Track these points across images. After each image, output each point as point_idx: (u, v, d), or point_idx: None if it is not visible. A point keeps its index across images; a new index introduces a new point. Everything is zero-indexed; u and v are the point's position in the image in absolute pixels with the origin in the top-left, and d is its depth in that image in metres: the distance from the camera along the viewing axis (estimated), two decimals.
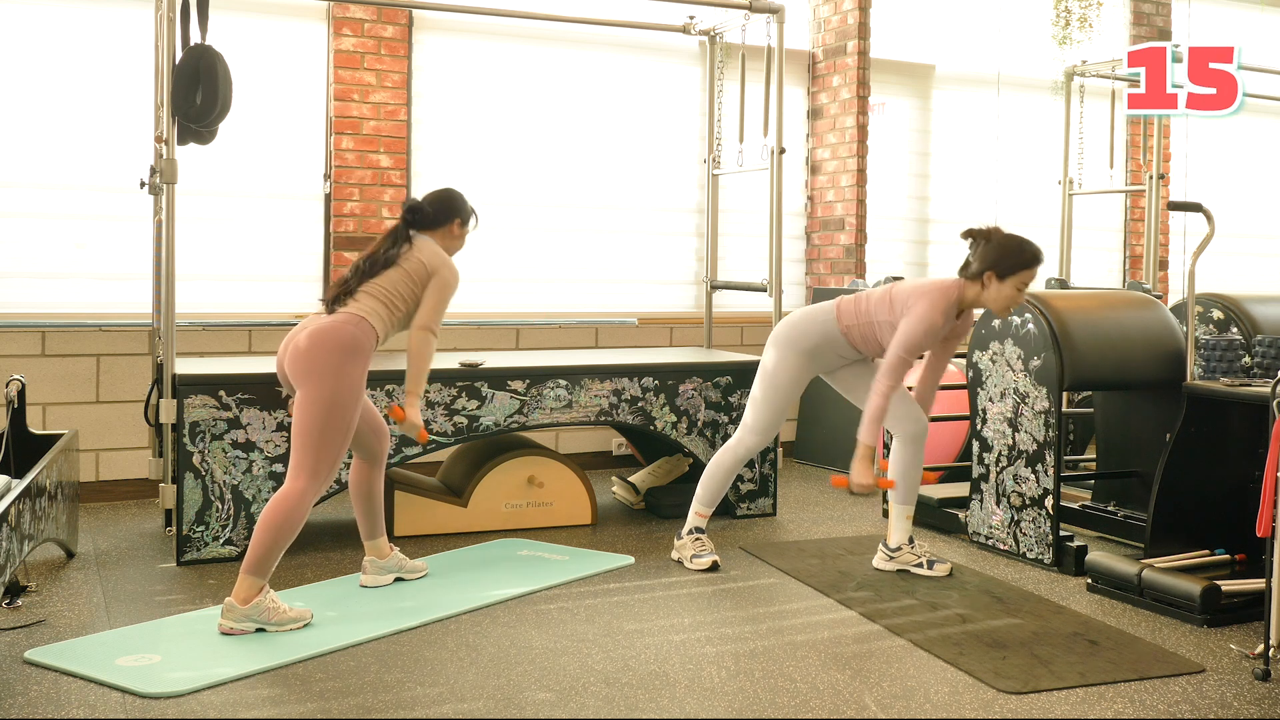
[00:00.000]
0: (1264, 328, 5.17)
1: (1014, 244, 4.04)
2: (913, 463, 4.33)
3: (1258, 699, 3.16)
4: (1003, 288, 4.02)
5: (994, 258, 4.02)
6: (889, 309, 4.13)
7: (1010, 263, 4.01)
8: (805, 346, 4.24)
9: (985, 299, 4.07)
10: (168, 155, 4.59)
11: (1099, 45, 7.21)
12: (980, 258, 4.05)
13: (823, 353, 4.26)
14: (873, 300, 4.19)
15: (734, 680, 3.26)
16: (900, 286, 4.18)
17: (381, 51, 5.86)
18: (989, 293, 4.05)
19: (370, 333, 3.70)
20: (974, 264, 4.07)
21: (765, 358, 4.33)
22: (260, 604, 3.52)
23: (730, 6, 5.86)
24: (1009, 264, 4.01)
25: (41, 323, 5.31)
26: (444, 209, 3.99)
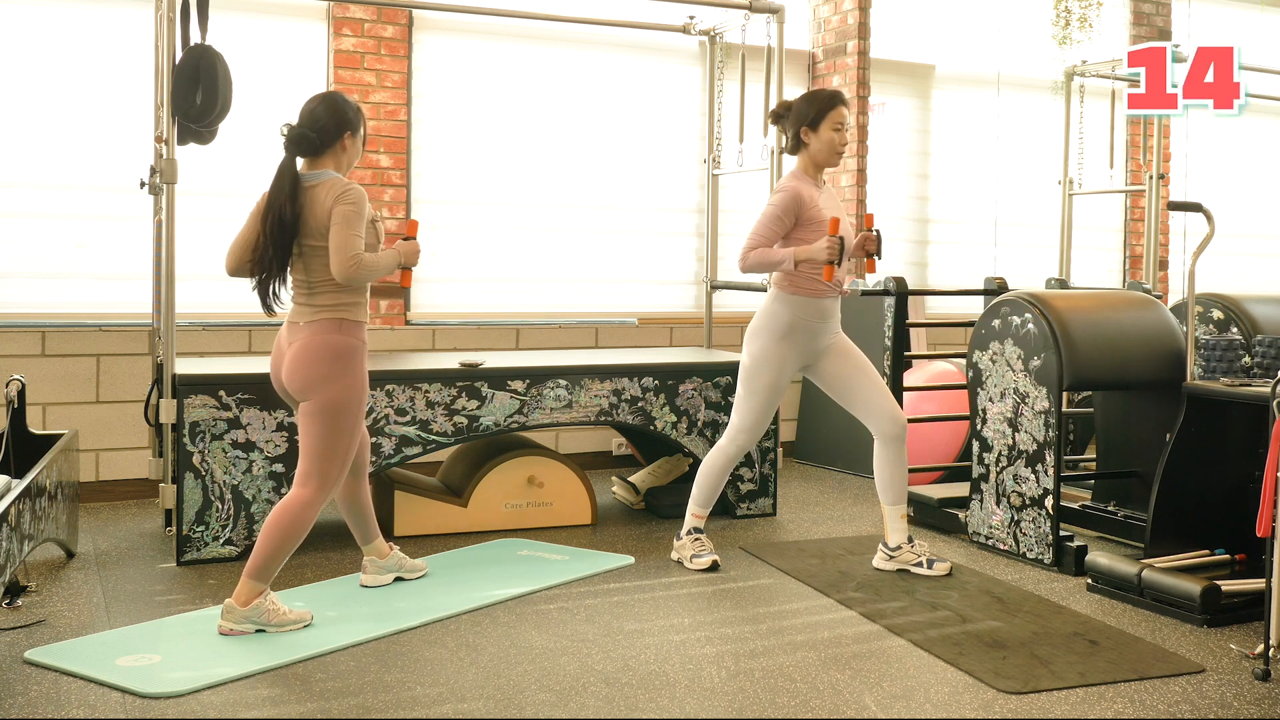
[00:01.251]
0: (1264, 328, 5.17)
1: (808, 95, 4.32)
2: (896, 462, 4.30)
3: (1258, 699, 3.16)
4: (820, 135, 4.21)
5: (798, 115, 4.24)
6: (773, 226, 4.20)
7: (814, 110, 4.22)
8: (778, 329, 4.22)
9: (816, 156, 4.22)
10: (168, 155, 4.59)
11: (1099, 45, 7.21)
12: (791, 125, 4.26)
13: (797, 331, 4.22)
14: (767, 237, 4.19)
15: (734, 680, 3.26)
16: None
17: (381, 51, 5.86)
18: (813, 148, 4.22)
19: (355, 327, 3.60)
20: (789, 137, 4.28)
21: (743, 357, 4.31)
22: (260, 606, 3.52)
23: (730, 6, 5.86)
24: (813, 112, 4.21)
25: (41, 323, 5.31)
26: (329, 127, 3.59)
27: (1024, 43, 7.47)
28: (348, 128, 3.63)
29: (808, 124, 4.21)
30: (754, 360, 4.26)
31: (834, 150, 4.22)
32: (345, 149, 3.65)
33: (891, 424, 4.27)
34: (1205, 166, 7.95)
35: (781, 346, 4.22)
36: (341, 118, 3.62)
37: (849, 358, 4.31)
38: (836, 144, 4.21)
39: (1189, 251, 6.18)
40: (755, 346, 4.26)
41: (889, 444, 4.29)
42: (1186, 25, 7.91)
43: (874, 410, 4.28)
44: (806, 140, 4.22)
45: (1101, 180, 7.19)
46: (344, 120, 3.63)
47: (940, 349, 6.63)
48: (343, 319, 3.59)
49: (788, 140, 4.30)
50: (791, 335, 4.22)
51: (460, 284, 6.12)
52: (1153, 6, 7.88)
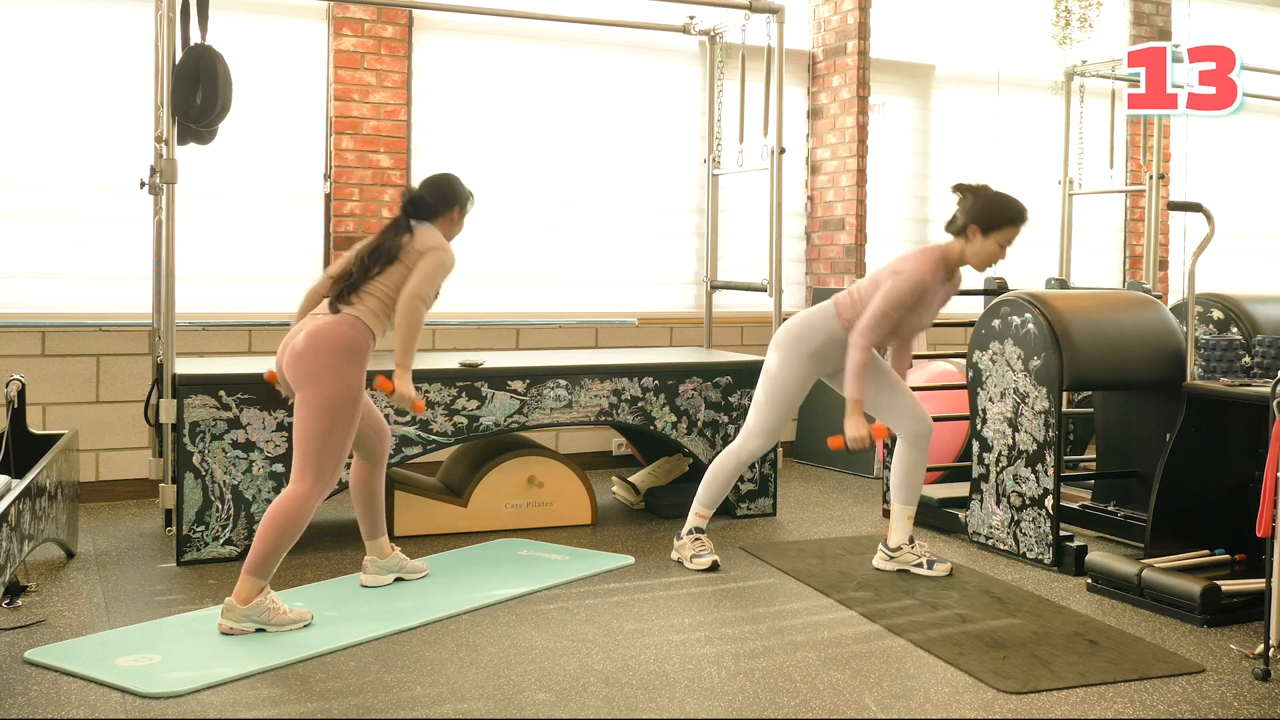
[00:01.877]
0: (1264, 328, 5.17)
1: (999, 199, 4.14)
2: (917, 463, 4.33)
3: (1258, 699, 3.16)
4: (986, 243, 4.11)
5: (979, 211, 4.11)
6: (877, 287, 4.17)
7: (995, 218, 4.10)
8: (809, 349, 4.25)
9: (968, 253, 4.14)
10: (168, 155, 4.59)
11: (1099, 45, 7.21)
12: (965, 212, 4.14)
13: (827, 353, 4.26)
14: (864, 288, 4.23)
15: (734, 680, 3.26)
16: (881, 266, 4.25)
17: (381, 51, 5.86)
18: (972, 247, 4.13)
19: (366, 333, 3.69)
20: (959, 218, 4.16)
21: (769, 361, 4.33)
22: (261, 604, 3.52)
23: (730, 6, 5.86)
24: (994, 219, 4.10)
25: (41, 323, 5.31)
26: (443, 197, 3.95)
27: (1024, 43, 7.47)
28: (458, 203, 3.99)
29: (982, 226, 4.09)
30: (779, 369, 4.27)
31: (989, 263, 4.15)
32: (454, 221, 4.00)
33: (920, 424, 4.30)
34: (1205, 166, 7.95)
35: (809, 363, 4.26)
36: (456, 193, 3.99)
37: (874, 365, 4.33)
38: (996, 258, 4.14)
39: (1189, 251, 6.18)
40: (783, 357, 4.27)
41: (915, 443, 4.31)
42: (1186, 25, 7.91)
43: (901, 412, 4.31)
44: (971, 238, 4.12)
45: (1101, 180, 7.18)
46: (457, 196, 3.99)
47: (940, 349, 6.62)
48: (359, 319, 3.68)
49: (955, 221, 4.17)
50: (822, 354, 4.26)
51: (460, 284, 6.11)
52: (1153, 6, 7.88)
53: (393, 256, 3.79)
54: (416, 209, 3.91)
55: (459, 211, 3.99)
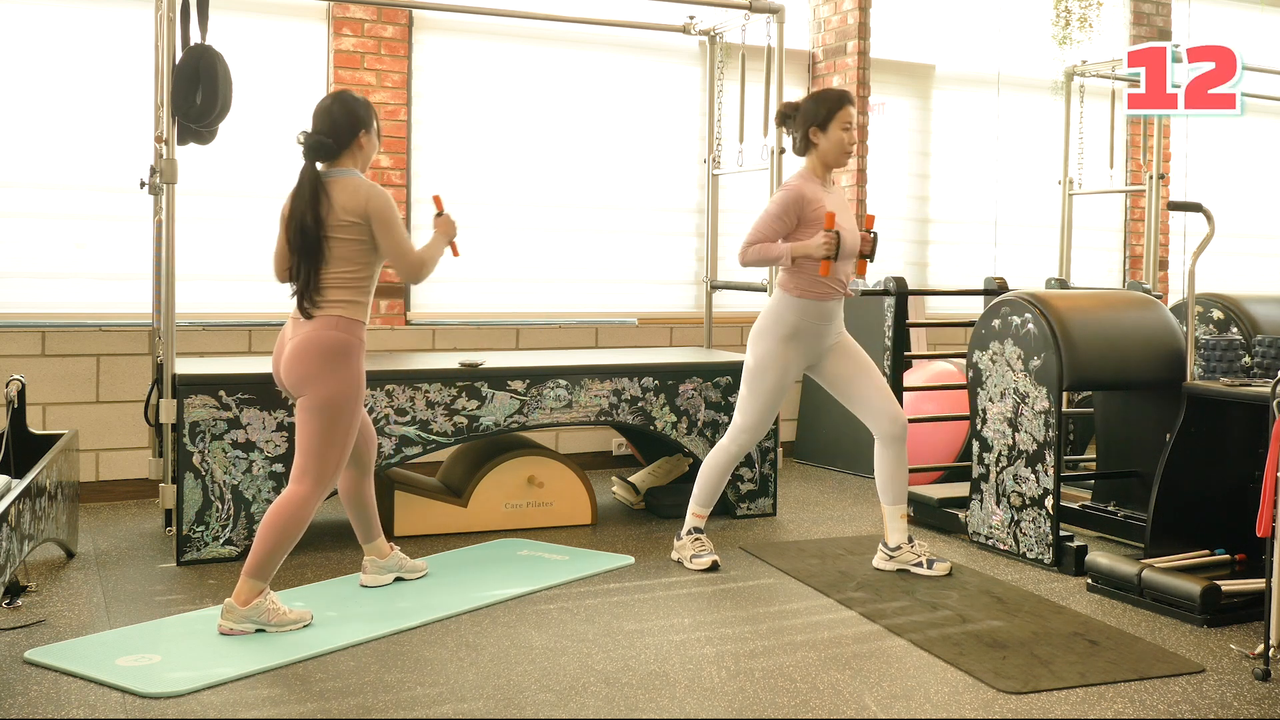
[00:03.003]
0: (1264, 328, 5.17)
1: (817, 94, 4.27)
2: (896, 463, 4.31)
3: (1258, 699, 3.16)
4: (829, 135, 4.19)
5: (808, 115, 4.22)
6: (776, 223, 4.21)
7: (823, 110, 4.20)
8: (783, 333, 4.22)
9: (823, 155, 4.22)
10: (168, 155, 4.59)
11: (1099, 45, 7.21)
12: (798, 125, 4.24)
13: (802, 333, 4.23)
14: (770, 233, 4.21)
15: (734, 680, 3.26)
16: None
17: (381, 51, 5.86)
18: (822, 148, 4.21)
19: (354, 325, 3.61)
20: (797, 136, 4.27)
21: (748, 357, 4.32)
22: (260, 605, 3.52)
23: (730, 6, 5.86)
24: (822, 111, 4.20)
25: (41, 323, 5.31)
26: (344, 126, 3.63)
27: (1024, 43, 7.47)
28: (361, 126, 3.68)
29: (817, 124, 4.20)
30: (758, 361, 4.26)
31: (843, 150, 4.21)
32: (362, 146, 3.69)
33: (892, 424, 4.28)
34: (1205, 166, 7.95)
35: (786, 348, 4.23)
36: (354, 116, 3.67)
37: (852, 358, 4.32)
38: (845, 143, 4.20)
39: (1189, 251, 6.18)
40: (760, 348, 4.26)
41: (889, 444, 4.30)
42: (1186, 25, 7.91)
43: (875, 410, 4.29)
44: (815, 140, 4.21)
45: (1101, 180, 7.19)
46: (357, 119, 3.67)
47: (940, 349, 6.63)
48: (343, 316, 3.60)
49: (795, 141, 4.29)
50: (796, 337, 4.22)
51: (460, 284, 6.12)
52: (1153, 6, 7.88)
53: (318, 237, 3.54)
54: (319, 154, 3.61)
55: (364, 133, 3.67)
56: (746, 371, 4.31)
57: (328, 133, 3.63)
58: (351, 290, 3.61)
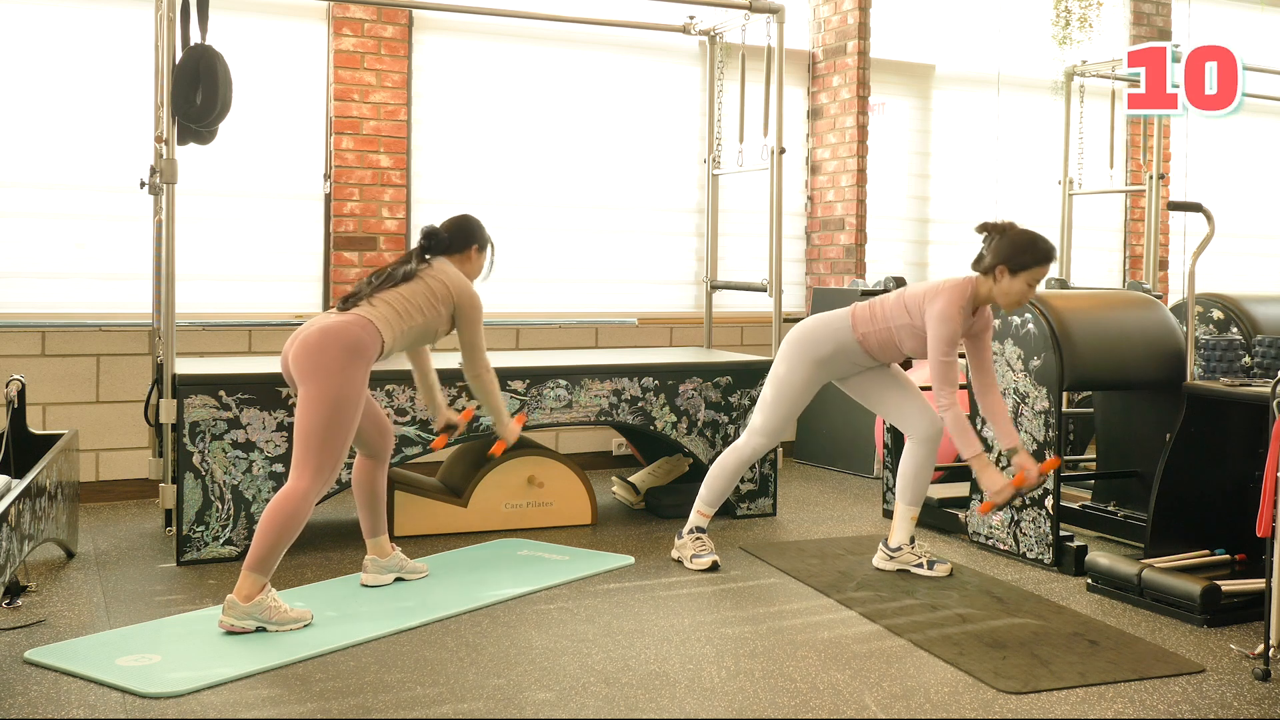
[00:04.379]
0: (1264, 328, 5.17)
1: (1027, 239, 4.07)
2: (925, 463, 4.33)
3: (1258, 699, 3.16)
4: (1014, 283, 4.04)
5: (1007, 252, 4.04)
6: (904, 312, 4.15)
7: (1023, 258, 4.03)
8: (819, 356, 4.24)
9: (996, 293, 4.08)
10: (168, 155, 4.59)
11: (1099, 45, 7.21)
12: (994, 252, 4.07)
13: (837, 361, 4.26)
14: (888, 305, 4.20)
15: (734, 680, 3.26)
16: (913, 289, 4.20)
17: (381, 51, 5.86)
18: (1000, 287, 4.07)
19: (376, 338, 3.70)
20: (987, 258, 4.09)
21: (777, 363, 4.33)
22: (262, 602, 3.52)
23: (730, 6, 5.86)
24: (1021, 260, 4.03)
25: (41, 323, 5.31)
26: (461, 234, 4.03)
27: (1024, 43, 7.47)
28: (475, 241, 4.05)
29: (1010, 266, 4.03)
30: (788, 372, 4.28)
31: (1018, 303, 4.09)
32: (471, 259, 4.05)
33: (931, 425, 4.30)
34: (1205, 166, 7.95)
35: (817, 369, 4.27)
36: (474, 233, 4.06)
37: (884, 369, 4.34)
38: (1024, 298, 4.07)
39: (1189, 251, 6.18)
40: (793, 361, 4.27)
41: (924, 443, 4.32)
42: (1186, 25, 7.91)
43: (911, 414, 4.32)
44: (999, 278, 4.06)
45: (1101, 180, 7.19)
46: (474, 235, 4.06)
47: None
48: (372, 322, 3.70)
49: (982, 258, 4.11)
50: (831, 361, 4.26)
51: None
52: (1153, 6, 7.88)
53: (409, 276, 3.87)
54: (431, 243, 3.98)
55: (476, 249, 4.05)
56: (774, 377, 4.32)
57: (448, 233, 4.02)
58: (394, 313, 3.78)
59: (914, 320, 4.13)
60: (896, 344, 4.20)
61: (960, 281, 4.11)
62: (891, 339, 4.19)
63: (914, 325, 4.13)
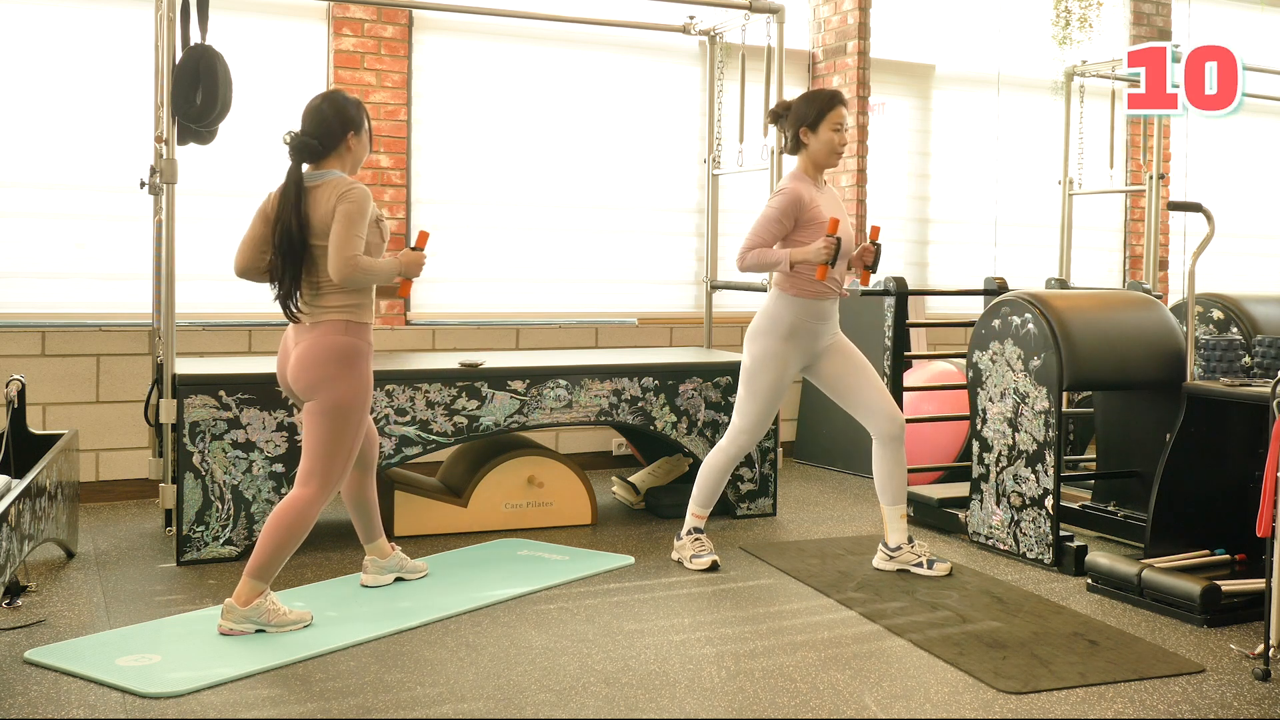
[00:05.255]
0: (1264, 328, 5.17)
1: (808, 95, 4.28)
2: (895, 463, 4.31)
3: (1258, 699, 3.16)
4: (820, 136, 4.20)
5: (799, 114, 4.23)
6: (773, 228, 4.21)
7: (813, 110, 4.21)
8: (780, 331, 4.23)
9: (814, 155, 4.22)
10: (168, 155, 4.59)
11: (1099, 45, 7.21)
12: (790, 125, 4.25)
13: (798, 333, 4.23)
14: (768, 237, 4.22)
15: (734, 680, 3.26)
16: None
17: (381, 51, 5.86)
18: (813, 149, 4.22)
19: (361, 329, 3.60)
20: (788, 135, 4.28)
21: (745, 358, 4.32)
22: (260, 605, 3.52)
23: (730, 6, 5.86)
24: (813, 111, 4.20)
25: (41, 323, 5.31)
26: (332, 125, 3.56)
27: (1024, 43, 7.47)
28: (350, 127, 3.61)
29: (807, 124, 4.22)
30: (755, 361, 4.26)
31: (833, 151, 4.22)
32: (350, 149, 3.62)
33: (890, 424, 4.28)
34: (1205, 166, 7.95)
35: (783, 348, 4.23)
36: (344, 117, 3.60)
37: (848, 358, 4.32)
38: (836, 144, 4.21)
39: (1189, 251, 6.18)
40: (756, 348, 4.26)
41: (887, 444, 4.30)
42: (1186, 25, 7.91)
43: (872, 410, 4.29)
44: (806, 141, 4.23)
45: (1101, 180, 7.19)
46: (346, 119, 3.60)
47: (940, 349, 6.63)
48: (349, 320, 3.59)
49: (787, 141, 4.30)
50: (792, 337, 4.22)
51: (460, 284, 6.12)
52: (1153, 6, 7.88)
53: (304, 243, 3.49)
54: (305, 155, 3.56)
55: (353, 135, 3.60)
56: (744, 372, 4.32)
57: (315, 134, 3.57)
58: (352, 293, 3.58)
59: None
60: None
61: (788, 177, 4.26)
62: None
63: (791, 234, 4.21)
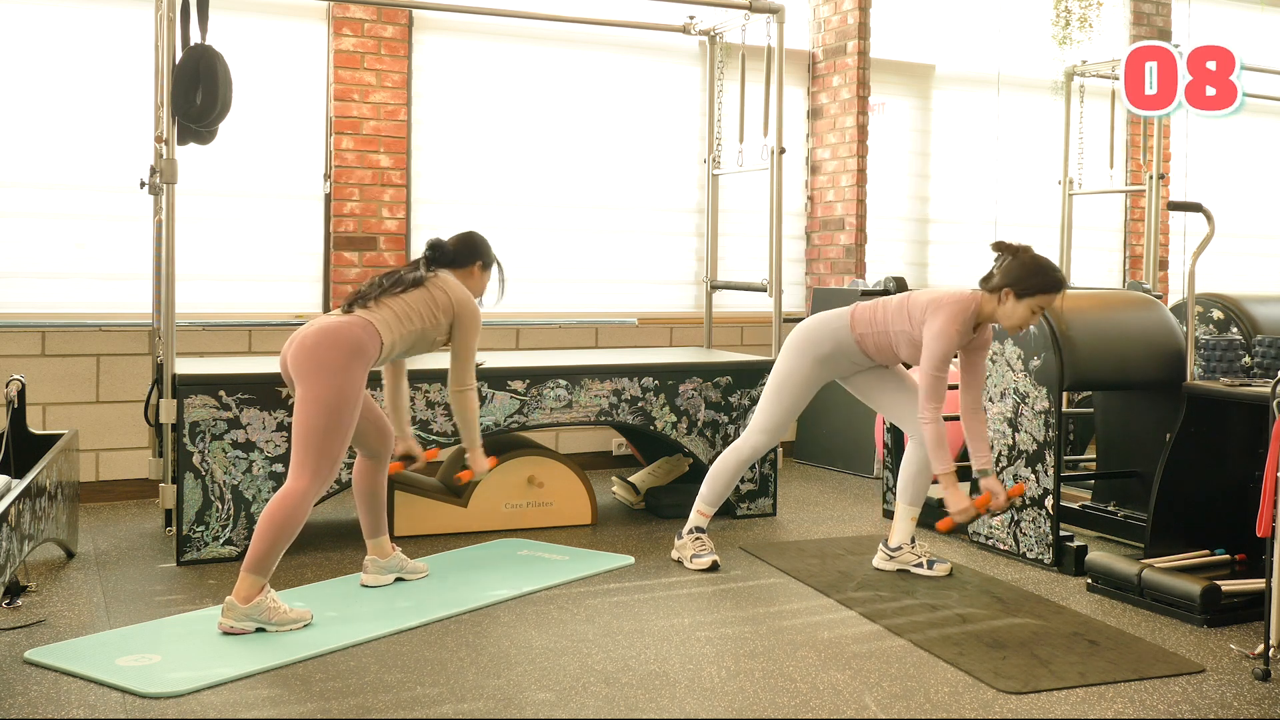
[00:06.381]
0: (1264, 328, 5.17)
1: (1039, 265, 4.02)
2: (926, 465, 4.33)
3: (1258, 699, 3.16)
4: (1019, 306, 4.00)
5: (1017, 275, 3.99)
6: (905, 319, 4.13)
7: (1031, 284, 3.98)
8: (819, 354, 4.25)
9: (1000, 314, 4.04)
10: (168, 155, 4.59)
11: (1099, 45, 7.21)
12: (1004, 272, 4.02)
13: (836, 360, 4.26)
14: (889, 309, 4.19)
15: (734, 680, 3.26)
16: (916, 297, 4.16)
17: (381, 51, 5.86)
18: (1004, 308, 4.02)
19: (376, 339, 3.70)
20: (996, 277, 4.04)
21: (779, 362, 4.33)
22: (261, 603, 3.52)
23: (730, 6, 5.86)
24: (1030, 285, 3.98)
25: (41, 323, 5.31)
26: (466, 250, 4.06)
27: (1024, 43, 7.47)
28: (481, 258, 4.08)
29: (1017, 290, 3.98)
30: (789, 371, 4.28)
31: (1020, 327, 4.06)
32: (473, 275, 4.07)
33: None
34: (1205, 166, 7.95)
35: (817, 367, 4.27)
36: (478, 250, 4.09)
37: (885, 367, 4.34)
38: (1027, 324, 4.05)
39: (1189, 251, 6.18)
40: (794, 360, 4.27)
41: (922, 445, 4.31)
42: (1186, 25, 7.91)
43: (913, 414, 4.30)
44: (1004, 300, 4.02)
45: (1101, 180, 7.19)
46: (479, 252, 4.09)
47: None
48: (372, 324, 3.71)
49: (992, 277, 4.06)
50: (831, 360, 4.27)
51: None
52: (1153, 6, 7.88)
53: (416, 283, 3.88)
54: (436, 255, 4.00)
55: (481, 266, 4.08)
56: (775, 376, 4.32)
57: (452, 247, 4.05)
58: (396, 318, 3.79)
59: (914, 329, 4.11)
60: (893, 348, 4.19)
61: (965, 297, 4.07)
62: (889, 343, 4.19)
63: (912, 334, 4.11)
